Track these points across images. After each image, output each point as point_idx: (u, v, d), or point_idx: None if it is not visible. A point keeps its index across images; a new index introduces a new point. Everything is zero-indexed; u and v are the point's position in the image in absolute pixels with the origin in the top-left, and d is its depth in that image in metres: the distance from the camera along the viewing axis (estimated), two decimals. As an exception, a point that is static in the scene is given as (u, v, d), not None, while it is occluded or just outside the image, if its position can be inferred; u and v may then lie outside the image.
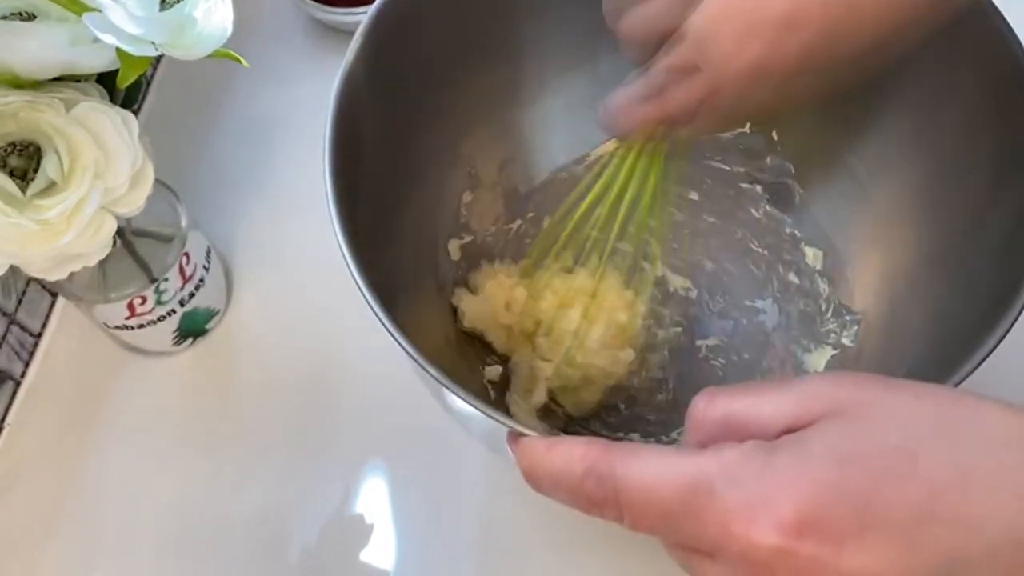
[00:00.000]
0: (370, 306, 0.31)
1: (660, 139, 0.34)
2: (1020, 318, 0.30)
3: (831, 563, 0.20)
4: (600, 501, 0.24)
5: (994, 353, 0.29)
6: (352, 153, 0.35)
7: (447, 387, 0.29)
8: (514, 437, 0.27)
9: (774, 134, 0.47)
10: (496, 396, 0.44)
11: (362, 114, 0.37)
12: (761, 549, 0.20)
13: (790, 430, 0.22)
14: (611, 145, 0.49)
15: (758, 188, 0.49)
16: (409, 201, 0.43)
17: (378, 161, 0.39)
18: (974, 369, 0.29)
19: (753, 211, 0.49)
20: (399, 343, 0.30)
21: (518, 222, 0.49)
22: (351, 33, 0.37)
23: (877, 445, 0.21)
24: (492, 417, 0.28)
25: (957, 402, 0.22)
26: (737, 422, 0.23)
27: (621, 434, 0.44)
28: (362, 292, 0.31)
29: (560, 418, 0.44)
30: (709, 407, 0.24)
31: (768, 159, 0.48)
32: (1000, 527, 0.20)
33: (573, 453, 0.24)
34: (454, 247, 0.47)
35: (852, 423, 0.21)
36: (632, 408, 0.45)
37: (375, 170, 0.39)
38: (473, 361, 0.45)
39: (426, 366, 0.29)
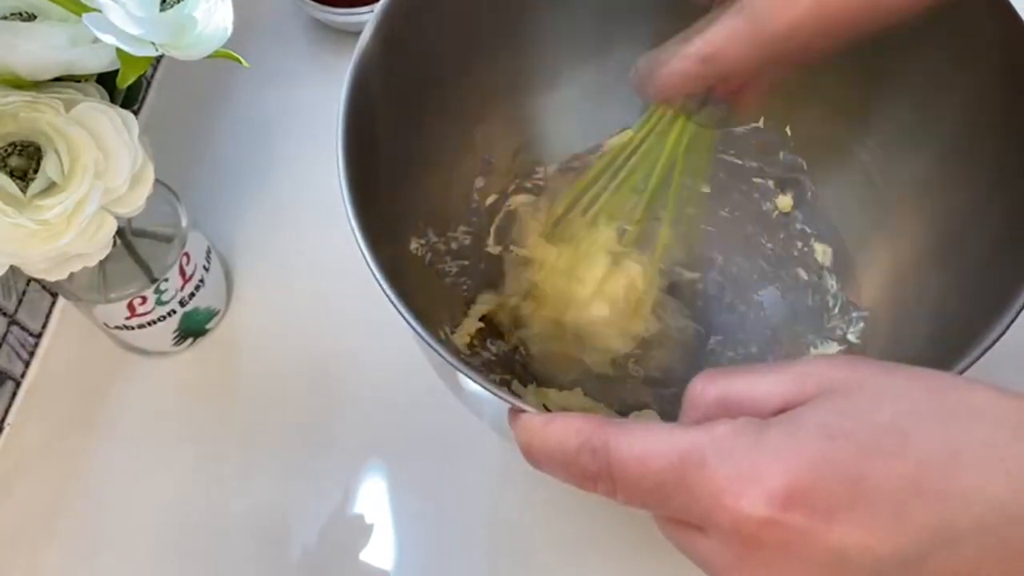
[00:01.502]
0: (383, 289, 0.30)
1: (694, 107, 0.34)
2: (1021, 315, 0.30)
3: (820, 535, 0.20)
4: (594, 475, 0.24)
5: (995, 348, 0.29)
6: (365, 138, 0.35)
7: (459, 368, 0.29)
8: (514, 413, 0.27)
9: (787, 129, 0.47)
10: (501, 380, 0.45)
11: (375, 100, 0.37)
12: (750, 520, 0.21)
13: (785, 409, 0.22)
14: (627, 135, 0.49)
15: (770, 183, 0.49)
16: (421, 186, 0.43)
17: (391, 146, 0.39)
18: (973, 362, 0.29)
19: (764, 206, 0.49)
20: (412, 327, 0.30)
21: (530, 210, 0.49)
22: (351, 33, 0.37)
23: (868, 421, 0.21)
24: (498, 395, 0.28)
25: (950, 384, 0.22)
26: (732, 401, 0.23)
27: None
28: (375, 275, 0.31)
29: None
30: (706, 387, 0.24)
31: (780, 154, 0.48)
32: (988, 502, 0.20)
33: (569, 427, 0.25)
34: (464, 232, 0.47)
35: (844, 400, 0.22)
36: (636, 399, 0.45)
37: (388, 155, 0.39)
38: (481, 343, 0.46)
39: (438, 348, 0.29)
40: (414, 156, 0.42)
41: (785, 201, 0.49)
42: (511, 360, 0.46)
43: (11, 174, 0.35)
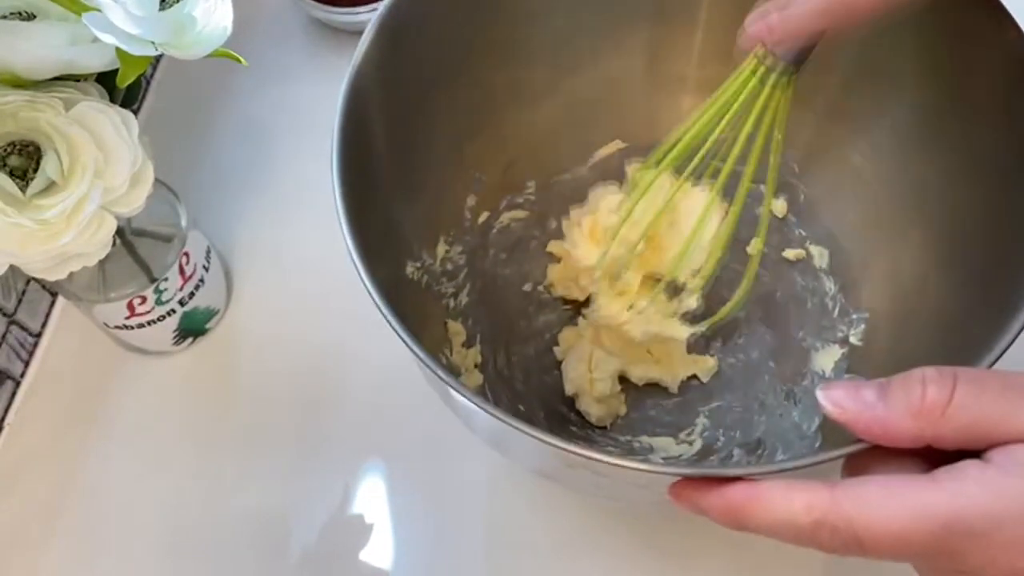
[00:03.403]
0: (377, 305, 0.31)
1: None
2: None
3: None
4: (837, 548, 0.23)
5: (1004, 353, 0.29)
6: (359, 152, 0.35)
7: (452, 386, 0.29)
8: (687, 485, 0.26)
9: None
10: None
11: (369, 114, 0.37)
12: None
13: None
14: (618, 144, 0.49)
15: (761, 187, 0.48)
16: (414, 201, 0.43)
17: (384, 160, 0.39)
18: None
19: (757, 210, 0.49)
20: (406, 343, 0.30)
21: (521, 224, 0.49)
22: (351, 33, 0.37)
23: None
24: (495, 416, 0.28)
25: None
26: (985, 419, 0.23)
27: (630, 437, 0.44)
28: (369, 291, 0.31)
29: (573, 429, 0.44)
30: (965, 401, 0.23)
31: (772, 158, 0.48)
32: None
33: (794, 503, 0.24)
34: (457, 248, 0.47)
35: None
36: (640, 411, 0.45)
37: (381, 168, 0.39)
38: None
39: (432, 366, 0.29)
40: (407, 171, 0.42)
41: (779, 205, 0.48)
42: (508, 380, 0.46)
43: (11, 174, 0.35)
